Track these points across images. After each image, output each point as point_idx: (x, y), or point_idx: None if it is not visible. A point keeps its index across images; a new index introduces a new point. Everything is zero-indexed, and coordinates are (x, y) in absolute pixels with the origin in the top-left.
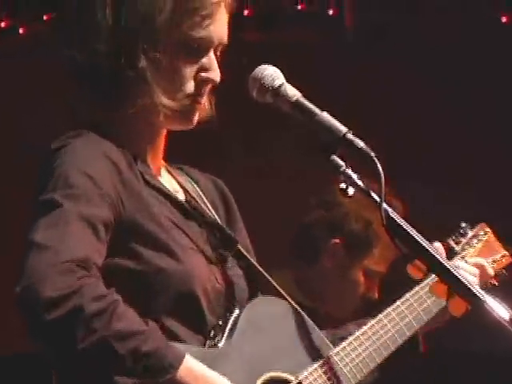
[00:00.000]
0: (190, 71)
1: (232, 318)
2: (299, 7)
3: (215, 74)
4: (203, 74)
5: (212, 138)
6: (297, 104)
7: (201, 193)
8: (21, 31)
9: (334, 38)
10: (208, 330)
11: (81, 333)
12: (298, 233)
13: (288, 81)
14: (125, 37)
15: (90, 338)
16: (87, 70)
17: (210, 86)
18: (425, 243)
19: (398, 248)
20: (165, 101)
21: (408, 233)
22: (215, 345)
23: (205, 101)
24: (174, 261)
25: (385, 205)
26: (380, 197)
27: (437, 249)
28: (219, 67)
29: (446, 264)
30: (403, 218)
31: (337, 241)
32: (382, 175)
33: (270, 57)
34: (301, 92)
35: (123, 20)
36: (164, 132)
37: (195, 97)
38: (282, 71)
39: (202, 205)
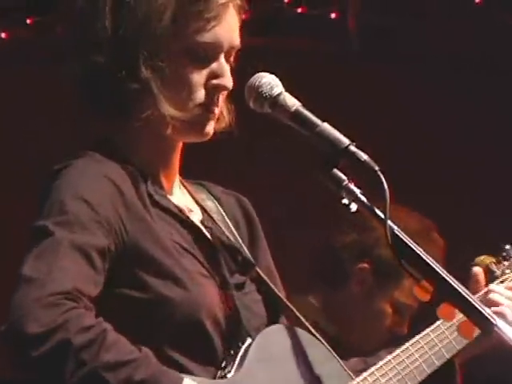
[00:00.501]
0: (198, 79)
1: (244, 347)
2: (299, 10)
3: (227, 81)
4: (214, 81)
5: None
6: (296, 114)
7: (222, 211)
8: (3, 36)
9: (336, 44)
10: (218, 360)
11: (70, 367)
12: (327, 255)
13: (287, 89)
14: (125, 47)
15: (80, 371)
16: (88, 84)
17: (222, 94)
18: (433, 263)
19: (404, 268)
20: (172, 112)
21: (415, 252)
22: (225, 375)
23: (219, 110)
24: (181, 289)
25: (390, 222)
26: (385, 213)
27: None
28: (232, 73)
29: (454, 285)
30: (442, 255)
31: (365, 265)
32: (387, 190)
33: (268, 64)
34: (300, 101)
35: (122, 29)
36: (179, 145)
37: (207, 106)
38: (280, 79)
39: (222, 224)
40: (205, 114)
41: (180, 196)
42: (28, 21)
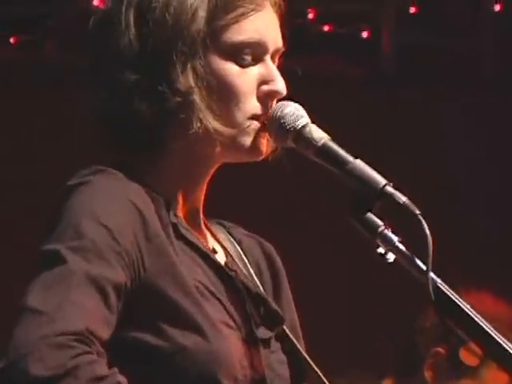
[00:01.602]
0: (248, 85)
1: None
2: (326, 28)
3: (280, 85)
4: (265, 87)
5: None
6: (324, 149)
7: (243, 256)
8: None
9: (369, 66)
10: None
11: None
12: (403, 339)
13: (313, 119)
14: (157, 59)
15: None
16: (117, 110)
17: (275, 102)
18: (482, 323)
19: (448, 328)
20: (220, 127)
21: (462, 310)
22: None
23: None
24: (201, 338)
25: (432, 275)
26: (427, 264)
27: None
28: None
29: (507, 348)
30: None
31: (440, 350)
32: (430, 237)
33: (291, 90)
34: (329, 134)
35: (151, 40)
36: (210, 172)
37: (260, 117)
38: (304, 107)
39: (244, 270)
40: (256, 127)
41: (205, 233)
42: (12, 40)
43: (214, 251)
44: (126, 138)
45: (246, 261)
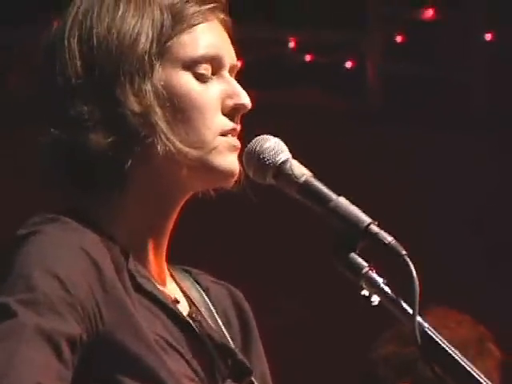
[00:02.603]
0: (211, 100)
1: None
2: (307, 58)
3: (245, 98)
4: (230, 102)
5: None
6: (305, 186)
7: (210, 304)
8: None
9: (353, 99)
10: None
11: None
12: (364, 370)
13: (294, 154)
14: (105, 84)
15: None
16: (70, 144)
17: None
18: (473, 371)
19: (435, 375)
20: (184, 147)
21: (451, 356)
22: None
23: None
24: None
25: (419, 318)
26: (413, 308)
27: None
28: None
29: None
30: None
31: None
32: (416, 279)
33: (271, 124)
34: (311, 170)
35: (97, 67)
36: (177, 207)
37: (229, 133)
38: (285, 141)
39: (210, 320)
40: (228, 144)
41: (166, 281)
42: None
43: (176, 301)
44: (80, 175)
45: (214, 310)
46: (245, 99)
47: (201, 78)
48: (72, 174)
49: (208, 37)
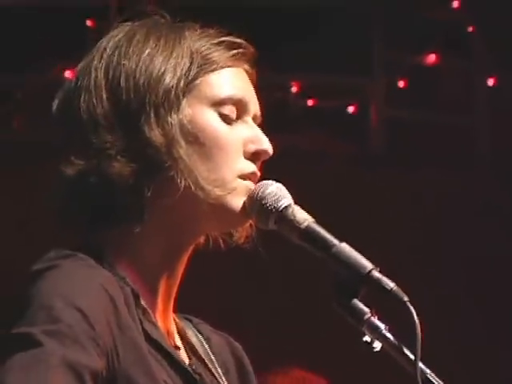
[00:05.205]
0: (235, 142)
1: None
2: (310, 103)
3: (268, 145)
4: (252, 147)
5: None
6: (308, 232)
7: (211, 355)
8: None
9: (355, 144)
10: None
11: None
12: None
13: (296, 200)
14: (130, 116)
15: None
16: (94, 175)
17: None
18: None
19: None
20: (206, 184)
21: None
22: None
23: None
24: None
25: (421, 365)
26: (415, 354)
27: None
28: None
29: None
30: None
31: None
32: (418, 326)
33: (273, 168)
34: (314, 216)
35: (123, 98)
36: (191, 244)
37: (248, 177)
38: (287, 187)
39: (211, 369)
40: (246, 188)
41: (171, 328)
42: None
43: (177, 348)
44: (100, 205)
45: (214, 360)
46: (267, 146)
47: (226, 119)
48: (92, 205)
49: (235, 80)
